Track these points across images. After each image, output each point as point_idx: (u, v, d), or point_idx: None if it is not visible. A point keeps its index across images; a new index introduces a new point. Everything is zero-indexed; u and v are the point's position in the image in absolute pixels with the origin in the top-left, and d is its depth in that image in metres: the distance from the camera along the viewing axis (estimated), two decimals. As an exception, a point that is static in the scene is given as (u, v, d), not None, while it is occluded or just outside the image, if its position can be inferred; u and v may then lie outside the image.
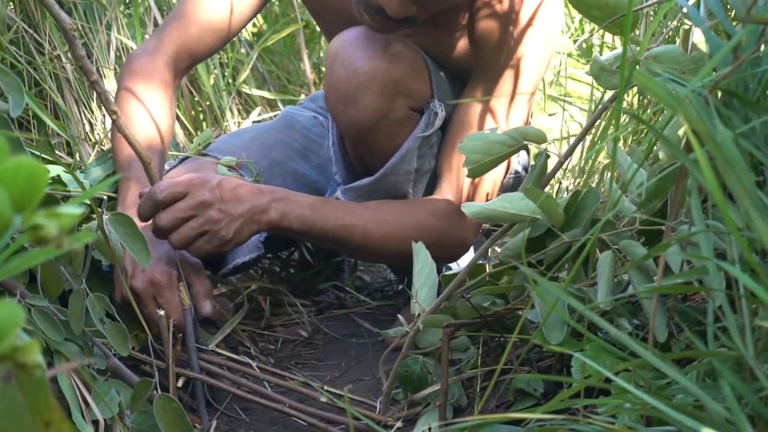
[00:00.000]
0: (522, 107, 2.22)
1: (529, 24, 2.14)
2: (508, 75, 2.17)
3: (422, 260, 1.91)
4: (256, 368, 2.09)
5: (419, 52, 2.22)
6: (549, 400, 1.47)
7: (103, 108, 3.34)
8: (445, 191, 2.23)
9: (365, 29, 2.18)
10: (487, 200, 2.13)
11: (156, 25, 3.58)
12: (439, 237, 2.08)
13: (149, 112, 2.31)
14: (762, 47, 1.30)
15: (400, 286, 2.86)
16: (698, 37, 1.49)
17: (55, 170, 1.84)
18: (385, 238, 2.10)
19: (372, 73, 2.12)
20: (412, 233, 2.07)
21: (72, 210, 0.75)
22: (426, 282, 1.88)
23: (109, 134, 2.86)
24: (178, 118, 3.72)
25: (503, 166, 2.21)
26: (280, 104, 4.00)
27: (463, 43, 2.27)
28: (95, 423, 1.71)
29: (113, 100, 2.08)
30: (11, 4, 3.17)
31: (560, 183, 3.29)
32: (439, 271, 2.03)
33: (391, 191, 2.23)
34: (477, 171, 1.71)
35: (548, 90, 3.76)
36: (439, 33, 2.27)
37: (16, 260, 0.80)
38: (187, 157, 2.44)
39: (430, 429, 1.77)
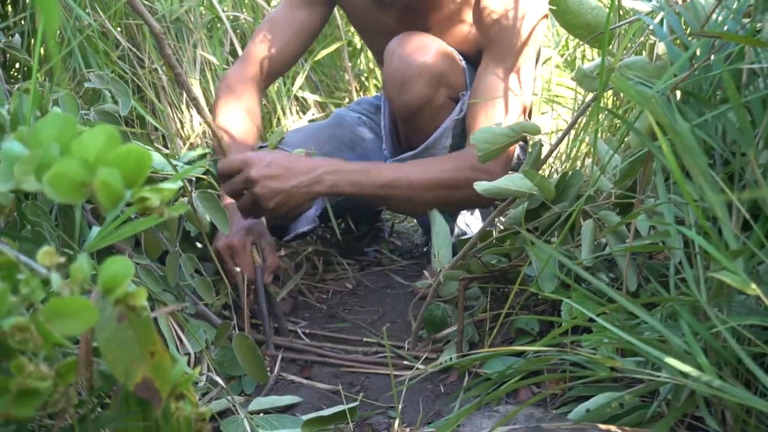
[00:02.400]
0: (526, 74, 2.21)
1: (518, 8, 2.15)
2: (509, 49, 2.17)
3: (438, 225, 1.90)
4: (302, 335, 2.11)
5: (455, 52, 2.23)
6: (543, 337, 1.47)
7: (192, 108, 3.35)
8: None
9: (417, 33, 2.22)
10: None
11: (231, 44, 3.59)
12: (466, 180, 2.04)
13: (239, 116, 2.34)
14: (712, 56, 1.29)
15: (425, 248, 2.86)
16: (662, 49, 1.48)
17: (155, 157, 1.84)
18: (425, 185, 2.07)
19: (422, 66, 2.15)
20: (447, 176, 2.07)
21: (170, 186, 0.75)
22: (443, 244, 1.88)
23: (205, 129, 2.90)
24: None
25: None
26: (329, 106, 4.00)
27: (474, 36, 2.27)
28: (187, 356, 1.72)
29: (196, 95, 2.11)
30: (119, 27, 3.18)
31: (551, 167, 3.27)
32: (458, 234, 2.03)
33: None
34: (486, 157, 1.71)
35: (540, 95, 3.75)
36: (455, 28, 2.27)
37: (126, 227, 0.81)
38: (263, 147, 2.45)
39: (450, 359, 1.77)
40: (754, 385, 1.13)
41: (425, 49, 2.17)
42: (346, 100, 4.03)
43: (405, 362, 1.86)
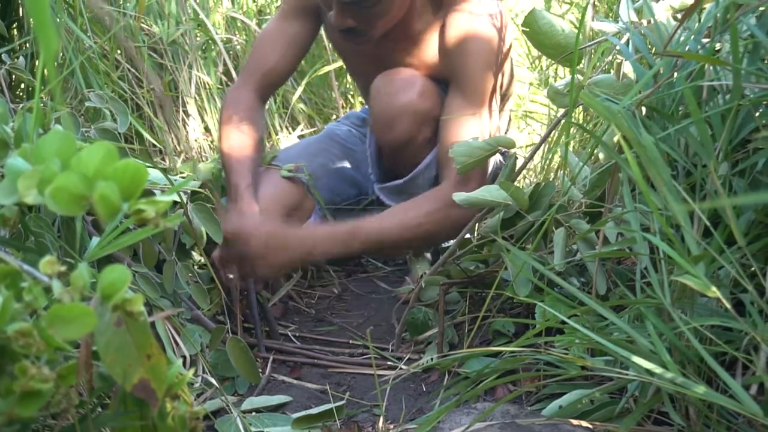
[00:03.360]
0: (491, 106, 2.20)
1: (483, 35, 2.11)
2: (475, 81, 2.14)
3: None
4: (293, 338, 2.10)
5: (436, 85, 2.22)
6: (519, 338, 1.48)
7: (188, 124, 3.35)
8: (446, 179, 2.19)
9: (401, 70, 2.21)
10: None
11: (225, 65, 3.58)
12: (446, 218, 2.05)
13: (238, 137, 2.32)
14: (675, 74, 1.30)
15: (408, 256, 2.86)
16: (628, 68, 1.49)
17: (152, 172, 1.84)
18: (409, 234, 2.06)
19: (406, 105, 2.14)
20: (428, 220, 2.06)
21: (166, 198, 0.75)
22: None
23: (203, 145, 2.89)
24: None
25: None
26: (318, 123, 4.00)
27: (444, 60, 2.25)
28: (182, 358, 1.71)
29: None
30: (118, 50, 3.17)
31: (526, 178, 3.28)
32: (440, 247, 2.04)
33: (416, 191, 2.23)
34: (464, 169, 1.71)
35: (516, 111, 3.76)
36: (423, 52, 2.26)
37: (124, 237, 0.80)
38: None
39: (431, 359, 1.77)
40: (716, 382, 1.14)
41: (409, 87, 2.16)
42: (334, 116, 4.03)
43: (389, 363, 1.86)
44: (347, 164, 2.64)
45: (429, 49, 2.24)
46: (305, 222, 2.43)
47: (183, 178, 2.10)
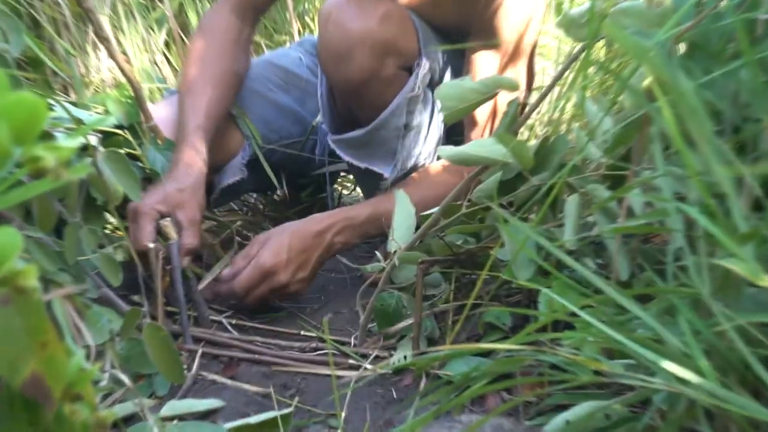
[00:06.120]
0: (522, 65, 2.23)
1: None
2: (505, 34, 2.19)
3: (402, 203, 1.91)
4: (230, 328, 2.11)
5: (407, 11, 2.22)
6: (517, 333, 1.48)
7: (99, 51, 3.33)
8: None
9: None
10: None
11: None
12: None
13: (210, 58, 2.34)
14: (723, 2, 1.30)
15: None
16: (664, -8, 1.49)
17: (54, 109, 1.83)
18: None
19: (363, 34, 2.14)
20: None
21: (69, 143, 0.75)
22: (403, 222, 1.88)
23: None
24: (169, 61, 3.72)
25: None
26: (265, 49, 4.00)
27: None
28: (87, 349, 1.71)
29: (108, 35, 2.13)
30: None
31: (530, 131, 3.29)
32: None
33: (381, 144, 2.25)
34: (451, 117, 1.71)
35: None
36: None
37: (14, 192, 0.80)
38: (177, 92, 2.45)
39: (405, 358, 1.78)
40: (764, 395, 1.15)
41: (367, 11, 2.16)
42: (287, 44, 4.02)
43: (350, 361, 1.86)
44: (290, 96, 2.65)
45: None
46: (228, 162, 2.45)
47: (94, 115, 2.09)
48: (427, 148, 2.38)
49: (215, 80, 2.32)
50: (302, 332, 2.09)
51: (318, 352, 1.96)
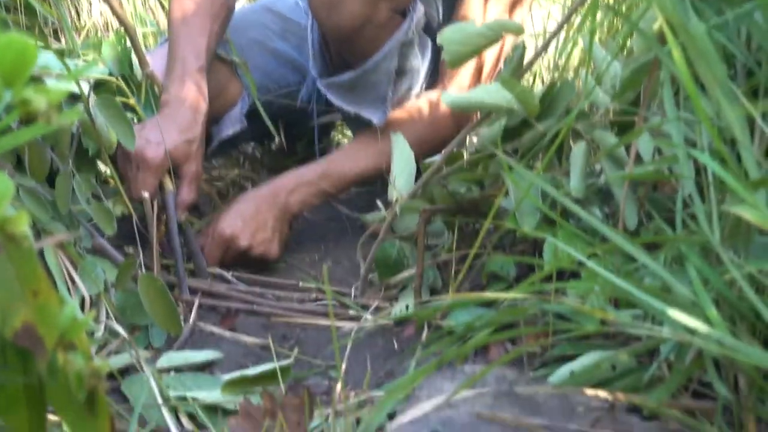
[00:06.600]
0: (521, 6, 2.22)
1: None
2: None
3: (401, 149, 1.91)
4: (232, 279, 2.11)
5: None
6: (521, 283, 1.48)
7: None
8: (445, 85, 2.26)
9: None
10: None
11: None
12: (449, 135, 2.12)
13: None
14: (737, -59, 1.29)
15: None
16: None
17: (43, 54, 1.81)
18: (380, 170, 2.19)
19: None
20: (429, 140, 2.23)
21: (60, 86, 0.74)
22: (404, 169, 1.88)
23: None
24: (162, 5, 3.70)
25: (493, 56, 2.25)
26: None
27: None
28: (80, 299, 1.71)
29: None
30: None
31: (536, 76, 3.28)
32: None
33: (371, 89, 2.24)
34: (455, 61, 1.70)
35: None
36: None
37: (4, 138, 0.79)
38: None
39: (407, 308, 1.78)
40: (774, 345, 1.15)
41: None
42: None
43: (350, 312, 1.87)
44: (289, 44, 2.64)
45: None
46: (227, 112, 2.45)
47: (85, 62, 2.08)
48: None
49: (213, 14, 2.28)
50: (301, 283, 2.09)
51: (317, 303, 1.97)
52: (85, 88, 1.86)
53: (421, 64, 2.30)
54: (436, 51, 2.30)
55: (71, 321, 0.84)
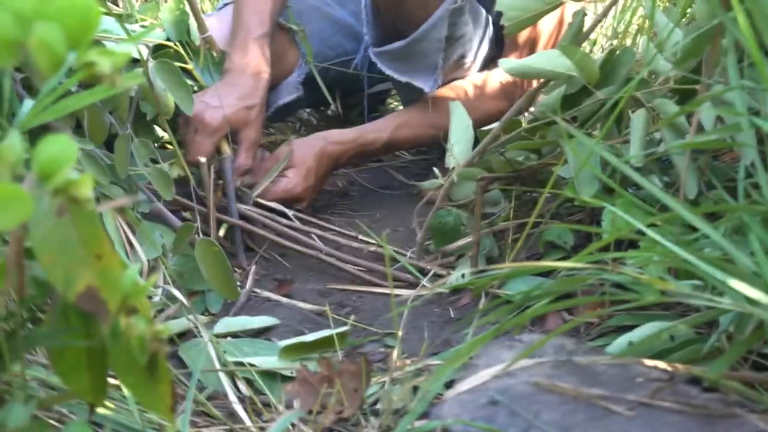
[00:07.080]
0: None
1: None
2: None
3: (458, 116, 1.90)
4: (292, 217, 2.10)
5: None
6: (579, 252, 1.48)
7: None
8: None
9: None
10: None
11: None
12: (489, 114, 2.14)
13: None
14: None
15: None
16: None
17: (103, 19, 1.82)
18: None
19: None
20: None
21: (124, 48, 0.75)
22: (462, 137, 1.87)
23: None
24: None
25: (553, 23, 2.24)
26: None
27: None
28: (139, 264, 1.72)
29: None
30: None
31: (596, 43, 3.26)
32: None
33: (422, 57, 2.23)
34: (515, 27, 1.69)
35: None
36: None
37: (66, 101, 0.80)
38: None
39: (463, 276, 1.77)
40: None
41: None
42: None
43: (407, 277, 1.87)
44: (346, 10, 2.64)
45: None
46: (284, 79, 2.45)
47: (143, 27, 2.09)
48: (477, 62, 2.37)
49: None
50: (360, 236, 2.09)
51: (373, 254, 1.98)
52: (144, 52, 1.86)
53: (473, 32, 2.29)
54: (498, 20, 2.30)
55: (133, 285, 0.85)
